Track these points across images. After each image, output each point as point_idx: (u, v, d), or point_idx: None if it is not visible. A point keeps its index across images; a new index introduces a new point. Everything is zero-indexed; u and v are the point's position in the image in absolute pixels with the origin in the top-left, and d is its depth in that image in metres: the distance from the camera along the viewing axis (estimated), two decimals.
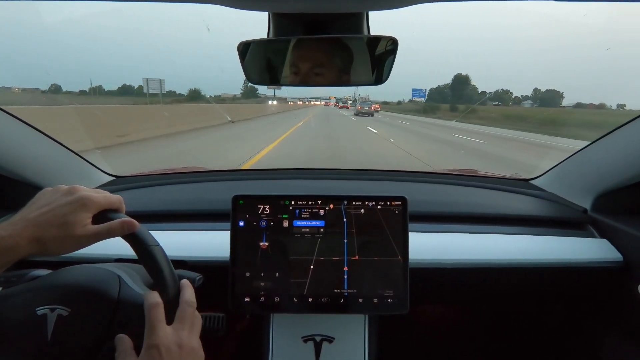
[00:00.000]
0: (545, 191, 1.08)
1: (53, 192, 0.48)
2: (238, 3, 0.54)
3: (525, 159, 7.40)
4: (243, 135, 10.76)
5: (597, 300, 0.94)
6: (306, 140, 9.78)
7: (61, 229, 0.45)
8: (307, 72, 0.69)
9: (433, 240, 0.85)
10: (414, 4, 0.54)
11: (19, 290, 0.51)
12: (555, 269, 0.83)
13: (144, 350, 0.43)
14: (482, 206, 0.99)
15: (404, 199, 0.72)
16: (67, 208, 0.46)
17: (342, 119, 22.60)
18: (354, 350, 0.78)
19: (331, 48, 0.68)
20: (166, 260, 0.51)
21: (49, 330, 0.47)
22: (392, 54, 0.66)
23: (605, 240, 0.87)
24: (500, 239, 0.87)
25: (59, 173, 0.94)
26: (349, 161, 6.35)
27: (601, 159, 0.93)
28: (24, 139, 0.86)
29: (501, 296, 0.98)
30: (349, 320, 0.79)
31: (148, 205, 0.95)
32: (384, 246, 0.70)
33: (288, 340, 0.78)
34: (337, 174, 1.20)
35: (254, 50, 0.68)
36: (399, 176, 1.23)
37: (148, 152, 6.62)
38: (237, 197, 0.72)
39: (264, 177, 1.21)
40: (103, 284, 0.52)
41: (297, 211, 0.72)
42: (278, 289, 0.70)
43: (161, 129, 8.89)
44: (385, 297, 0.69)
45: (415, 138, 11.94)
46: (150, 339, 0.44)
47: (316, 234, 0.71)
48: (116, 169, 1.15)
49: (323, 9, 0.58)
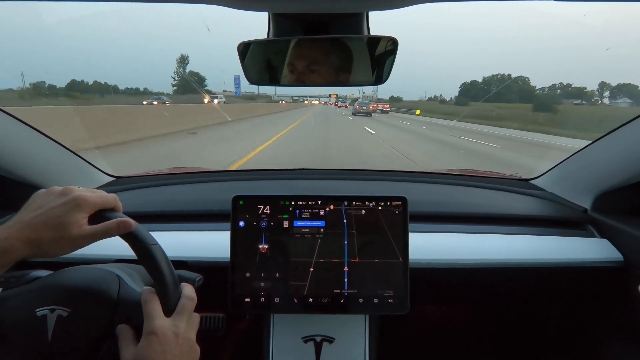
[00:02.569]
0: (545, 191, 1.08)
1: (47, 193, 0.48)
2: (238, 3, 0.54)
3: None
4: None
5: (597, 300, 0.94)
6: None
7: (56, 231, 0.45)
8: (305, 71, 0.69)
9: (433, 240, 0.85)
10: (414, 4, 0.54)
11: (19, 292, 0.51)
12: (555, 268, 0.83)
13: (143, 337, 0.45)
14: (482, 206, 0.99)
15: (404, 199, 0.71)
16: (61, 209, 0.46)
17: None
18: (354, 351, 0.78)
19: (331, 48, 0.68)
20: (165, 258, 0.51)
21: (49, 331, 0.48)
22: (392, 54, 0.66)
23: (606, 240, 0.87)
24: (501, 239, 0.87)
25: (58, 173, 0.94)
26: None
27: (601, 159, 0.93)
28: (23, 139, 0.86)
29: (501, 296, 0.98)
30: (349, 320, 0.79)
31: (148, 205, 0.95)
32: (384, 247, 0.70)
33: (288, 341, 0.78)
34: (337, 174, 1.20)
35: (254, 50, 0.68)
36: (398, 176, 1.23)
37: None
38: (237, 197, 0.72)
39: (263, 177, 1.21)
40: (102, 284, 0.52)
41: (297, 211, 0.72)
42: (278, 289, 0.70)
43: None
44: (386, 297, 0.69)
45: None
46: (147, 326, 0.46)
47: (316, 234, 0.71)
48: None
49: (323, 9, 0.57)
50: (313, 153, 7.34)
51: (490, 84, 54.77)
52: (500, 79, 55.27)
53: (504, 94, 43.38)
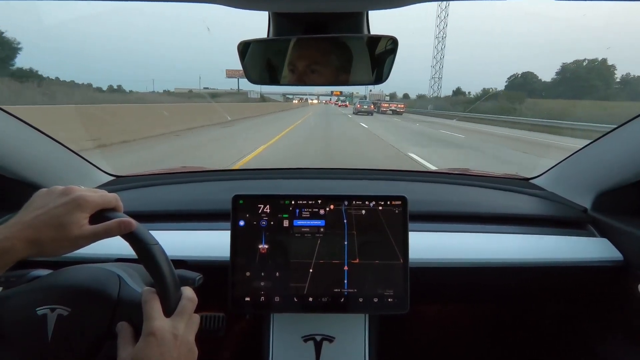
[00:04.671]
0: (545, 190, 1.08)
1: (48, 193, 0.48)
2: (238, 3, 0.54)
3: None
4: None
5: (597, 300, 0.94)
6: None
7: (57, 230, 0.45)
8: (305, 71, 0.69)
9: (433, 240, 0.85)
10: (414, 3, 0.54)
11: (19, 291, 0.51)
12: (555, 268, 0.83)
13: (142, 338, 0.45)
14: (482, 206, 0.99)
15: (404, 199, 0.71)
16: (62, 209, 0.46)
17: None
18: (354, 350, 0.78)
19: (331, 47, 0.68)
20: (165, 258, 0.51)
21: (49, 331, 0.48)
22: (393, 54, 0.66)
23: (606, 239, 0.87)
24: (501, 239, 0.87)
25: (59, 173, 0.94)
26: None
27: (601, 158, 0.93)
28: (24, 139, 0.86)
29: (501, 296, 0.98)
30: (349, 319, 0.79)
31: (148, 205, 0.95)
32: (384, 247, 0.70)
33: (288, 340, 0.78)
34: (337, 174, 1.20)
35: (254, 50, 0.68)
36: (398, 176, 1.23)
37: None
38: (237, 196, 0.72)
39: (263, 176, 1.21)
40: (103, 283, 0.52)
41: (297, 211, 0.72)
42: (278, 288, 0.70)
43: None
44: (386, 296, 0.69)
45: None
46: (146, 327, 0.46)
47: (316, 233, 0.71)
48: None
49: (323, 9, 0.57)
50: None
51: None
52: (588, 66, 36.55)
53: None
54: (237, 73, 58.58)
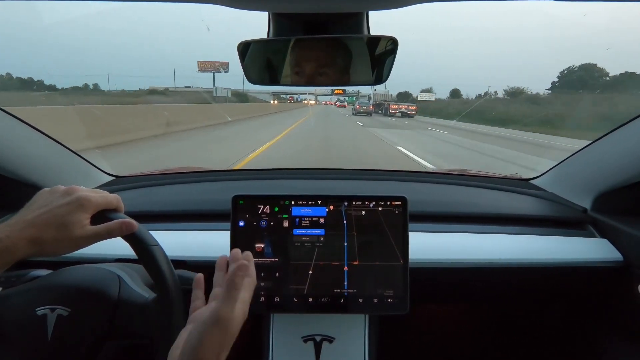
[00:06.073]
0: (545, 191, 1.08)
1: (51, 192, 0.48)
2: (238, 3, 0.54)
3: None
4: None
5: (597, 300, 0.94)
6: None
7: (59, 230, 0.45)
8: (304, 71, 0.69)
9: (433, 240, 0.85)
10: (414, 4, 0.54)
11: (19, 291, 0.51)
12: (555, 268, 0.83)
13: (208, 322, 0.43)
14: (482, 206, 0.99)
15: (404, 199, 0.71)
16: (64, 209, 0.46)
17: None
18: (354, 350, 0.78)
19: (331, 48, 0.68)
20: (166, 259, 0.51)
21: (49, 330, 0.48)
22: (392, 54, 0.66)
23: (606, 240, 0.87)
24: (501, 239, 0.87)
25: (59, 173, 0.94)
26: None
27: (601, 159, 0.93)
28: (24, 139, 0.86)
29: (501, 296, 0.98)
30: (349, 320, 0.79)
31: (148, 205, 0.95)
32: (384, 247, 0.70)
33: (288, 340, 0.78)
34: (337, 174, 1.20)
35: (254, 50, 0.68)
36: (398, 176, 1.23)
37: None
38: (237, 197, 0.72)
39: (263, 177, 1.21)
40: (103, 284, 0.52)
41: (297, 211, 0.71)
42: (278, 288, 0.70)
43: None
44: (386, 297, 0.69)
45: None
46: (213, 313, 0.43)
47: (316, 233, 0.71)
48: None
49: (323, 9, 0.58)
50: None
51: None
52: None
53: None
54: (210, 66, 49.01)
